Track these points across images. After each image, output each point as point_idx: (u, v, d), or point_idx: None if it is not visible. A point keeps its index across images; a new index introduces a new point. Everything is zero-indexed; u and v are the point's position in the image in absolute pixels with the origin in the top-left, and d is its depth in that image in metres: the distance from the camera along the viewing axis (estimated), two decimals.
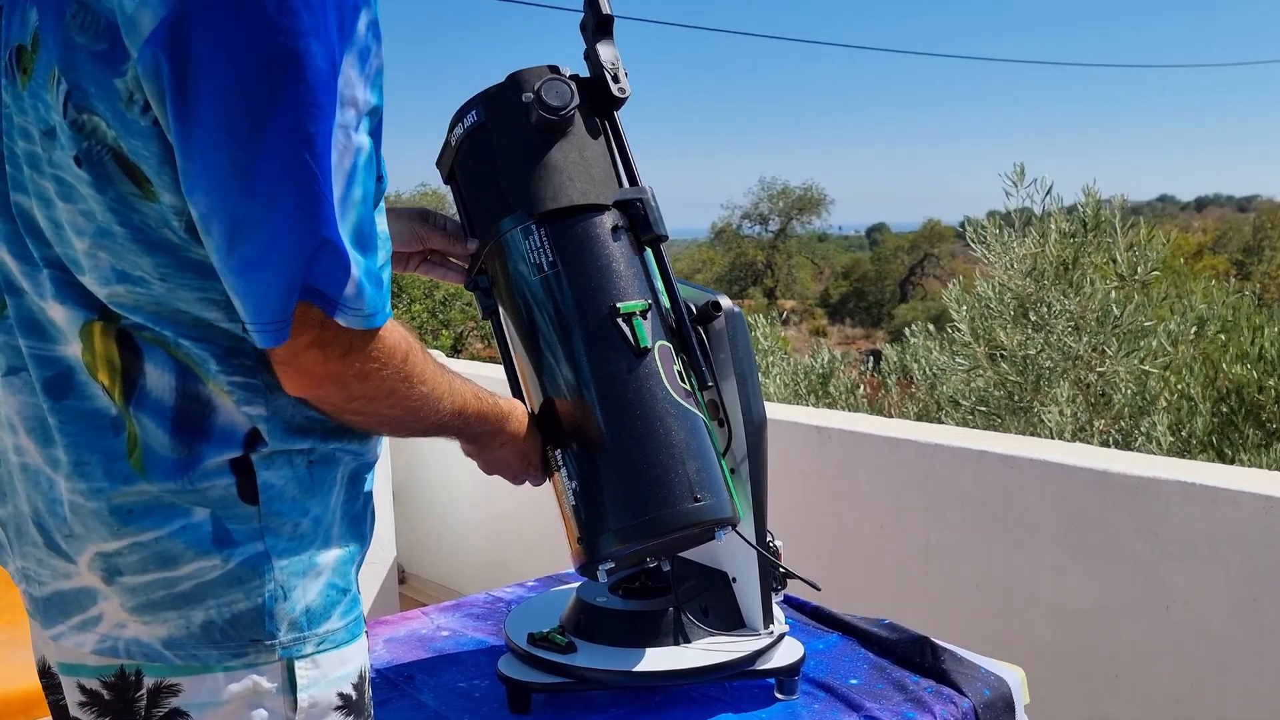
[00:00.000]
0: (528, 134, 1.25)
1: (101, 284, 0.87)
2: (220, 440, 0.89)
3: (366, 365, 0.88)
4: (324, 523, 0.95)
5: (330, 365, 0.87)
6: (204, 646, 0.89)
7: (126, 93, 0.81)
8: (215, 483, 0.89)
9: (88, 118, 0.83)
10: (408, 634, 1.66)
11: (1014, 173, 4.88)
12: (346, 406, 0.92)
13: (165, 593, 0.88)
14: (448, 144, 1.33)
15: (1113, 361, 4.43)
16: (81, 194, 0.85)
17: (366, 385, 0.90)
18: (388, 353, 0.90)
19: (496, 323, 1.33)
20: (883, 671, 1.47)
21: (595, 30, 1.29)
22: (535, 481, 1.27)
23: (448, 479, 3.73)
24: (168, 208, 0.84)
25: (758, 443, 1.35)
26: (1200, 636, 1.89)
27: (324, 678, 0.93)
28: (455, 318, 16.75)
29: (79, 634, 0.90)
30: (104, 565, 0.88)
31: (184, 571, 0.88)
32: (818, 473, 2.47)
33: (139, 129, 0.82)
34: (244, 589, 0.89)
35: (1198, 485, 1.88)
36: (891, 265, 40.32)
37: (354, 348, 0.87)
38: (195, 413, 0.88)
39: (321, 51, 0.80)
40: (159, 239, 0.86)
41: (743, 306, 1.56)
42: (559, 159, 1.24)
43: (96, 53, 0.82)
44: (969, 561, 2.22)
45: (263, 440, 0.90)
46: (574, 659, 1.34)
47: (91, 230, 0.86)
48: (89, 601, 0.90)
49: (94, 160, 0.84)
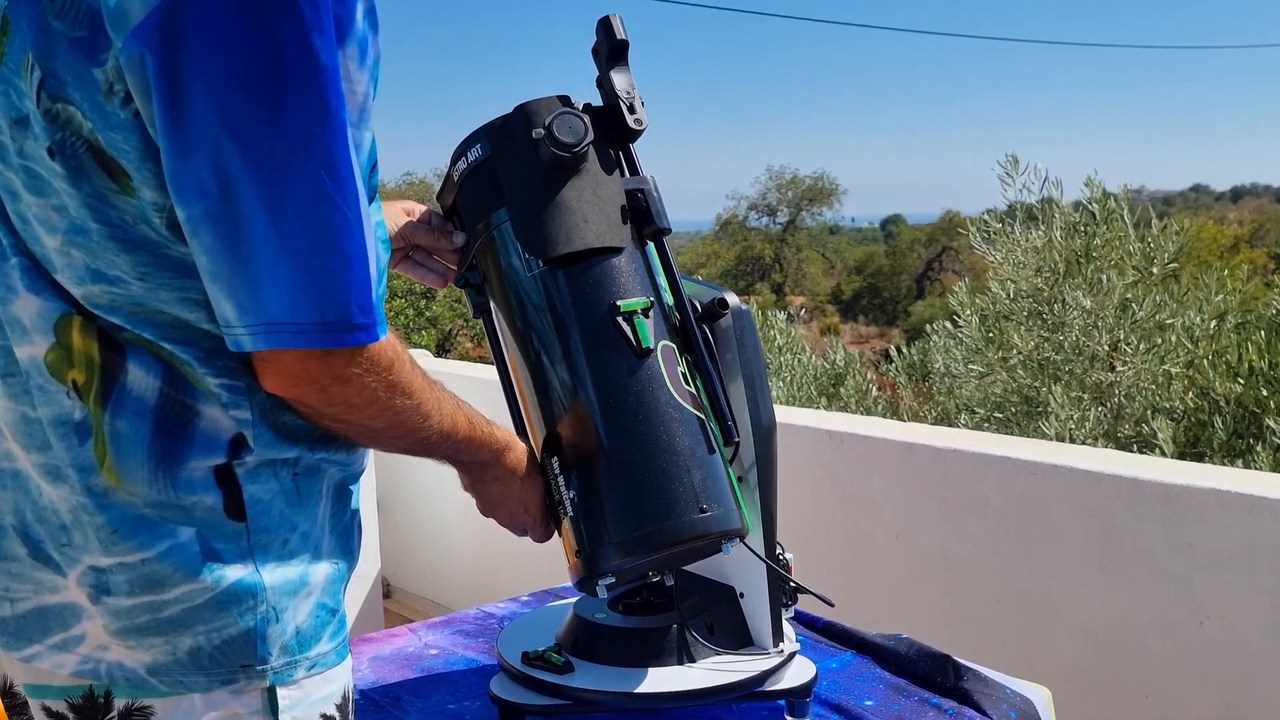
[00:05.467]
0: (538, 171, 1.24)
1: (76, 283, 0.87)
2: (204, 444, 0.89)
3: (348, 370, 0.88)
4: (312, 538, 0.95)
5: (309, 365, 0.87)
6: (191, 673, 0.89)
7: (106, 83, 0.81)
8: (200, 498, 0.89)
9: (62, 107, 0.83)
10: (394, 652, 1.66)
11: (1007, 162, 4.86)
12: (325, 411, 0.92)
13: (151, 618, 0.88)
14: (449, 178, 1.33)
15: (1132, 360, 4.43)
16: (54, 188, 0.85)
17: (346, 390, 0.90)
18: (371, 360, 0.90)
19: (488, 321, 1.33)
20: (900, 692, 1.47)
21: (609, 56, 1.28)
22: (536, 536, 1.25)
23: (436, 486, 3.73)
24: (148, 204, 0.84)
25: (766, 449, 1.35)
26: (1236, 654, 1.89)
27: (306, 698, 0.93)
28: (442, 315, 16.74)
29: (57, 654, 0.90)
30: (94, 581, 0.88)
31: (172, 595, 0.88)
32: (830, 480, 2.47)
33: (119, 121, 0.82)
34: (235, 612, 0.89)
35: (1233, 493, 1.88)
36: (908, 259, 40.31)
37: (335, 350, 0.87)
38: (179, 414, 0.89)
39: (324, 46, 0.80)
40: (137, 236, 0.86)
41: (750, 303, 1.56)
42: (572, 198, 1.23)
43: (75, 40, 0.82)
44: (990, 574, 2.23)
45: (248, 446, 0.90)
46: (571, 679, 1.34)
47: (64, 227, 0.86)
48: (72, 619, 0.90)
49: (68, 153, 0.84)
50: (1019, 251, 4.79)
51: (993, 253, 4.89)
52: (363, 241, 0.85)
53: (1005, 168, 4.88)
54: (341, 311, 0.84)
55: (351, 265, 0.84)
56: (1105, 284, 4.57)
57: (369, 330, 0.87)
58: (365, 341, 0.86)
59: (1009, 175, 4.88)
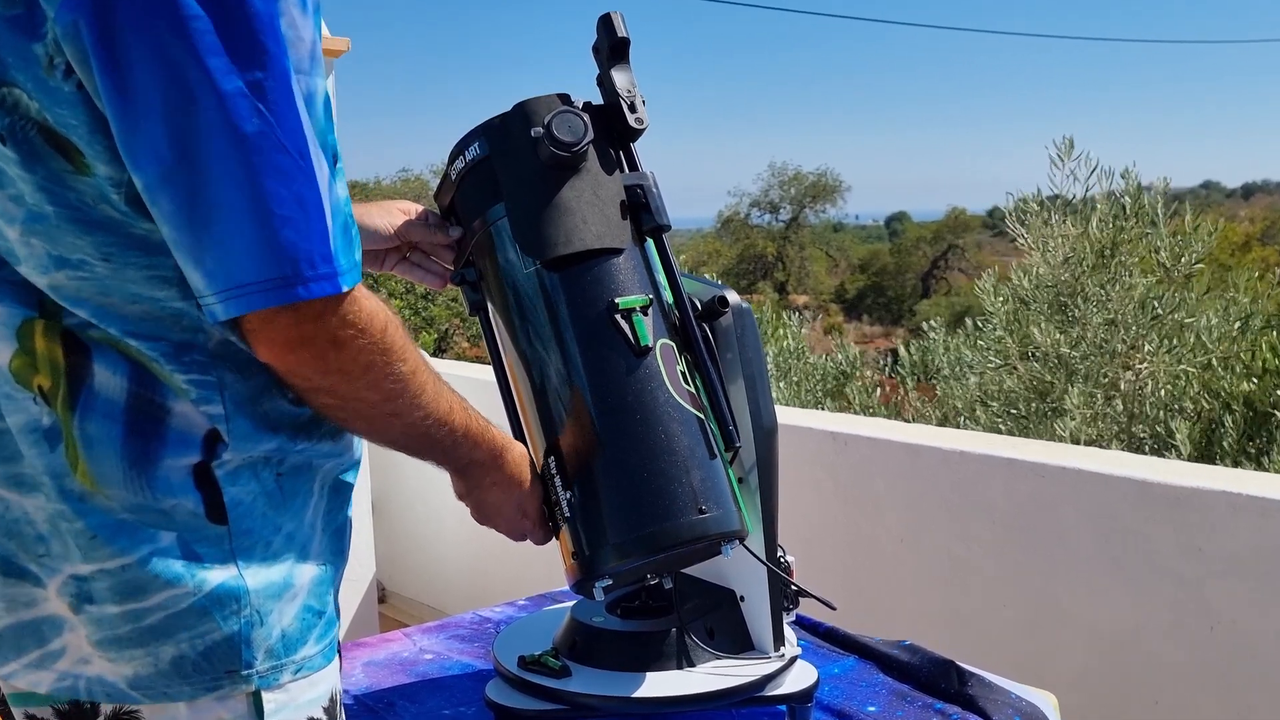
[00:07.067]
0: (537, 170, 1.24)
1: (40, 272, 0.86)
2: (177, 443, 0.89)
3: (343, 331, 0.88)
4: (297, 539, 0.95)
5: (304, 328, 0.86)
6: (175, 683, 0.89)
7: (46, 58, 0.81)
8: (179, 501, 0.88)
9: (8, 91, 0.83)
10: (388, 657, 1.66)
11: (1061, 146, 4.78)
12: (322, 383, 0.91)
13: (133, 627, 0.88)
14: (447, 177, 1.33)
15: (1150, 360, 4.42)
16: (9, 176, 0.85)
17: (342, 355, 0.89)
18: (366, 319, 0.89)
19: (485, 319, 1.33)
20: (903, 698, 1.48)
21: (610, 55, 1.28)
22: (536, 538, 1.24)
23: (431, 490, 3.73)
24: (104, 180, 0.84)
25: (768, 450, 1.35)
26: (1247, 660, 1.89)
27: (292, 702, 0.93)
28: (439, 314, 16.76)
29: (34, 672, 0.90)
30: (75, 590, 0.88)
31: (153, 602, 0.88)
32: (833, 482, 2.48)
33: (63, 96, 0.82)
34: (218, 617, 0.89)
35: (1245, 496, 1.88)
36: (913, 257, 40.32)
37: (329, 309, 0.86)
38: (150, 413, 0.88)
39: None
40: (99, 217, 0.85)
41: (752, 302, 1.56)
42: (571, 198, 1.23)
43: (12, 19, 0.81)
44: (997, 578, 2.23)
45: (223, 441, 0.90)
46: (569, 684, 1.34)
47: (23, 215, 0.85)
48: (52, 633, 0.89)
49: (19, 137, 0.84)
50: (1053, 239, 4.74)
51: (1026, 236, 4.82)
52: (316, 190, 0.84)
53: (1059, 150, 4.78)
54: (299, 264, 0.83)
55: (308, 214, 0.83)
56: (1129, 280, 4.55)
57: (331, 280, 0.85)
58: (329, 292, 0.85)
59: (1059, 159, 4.78)
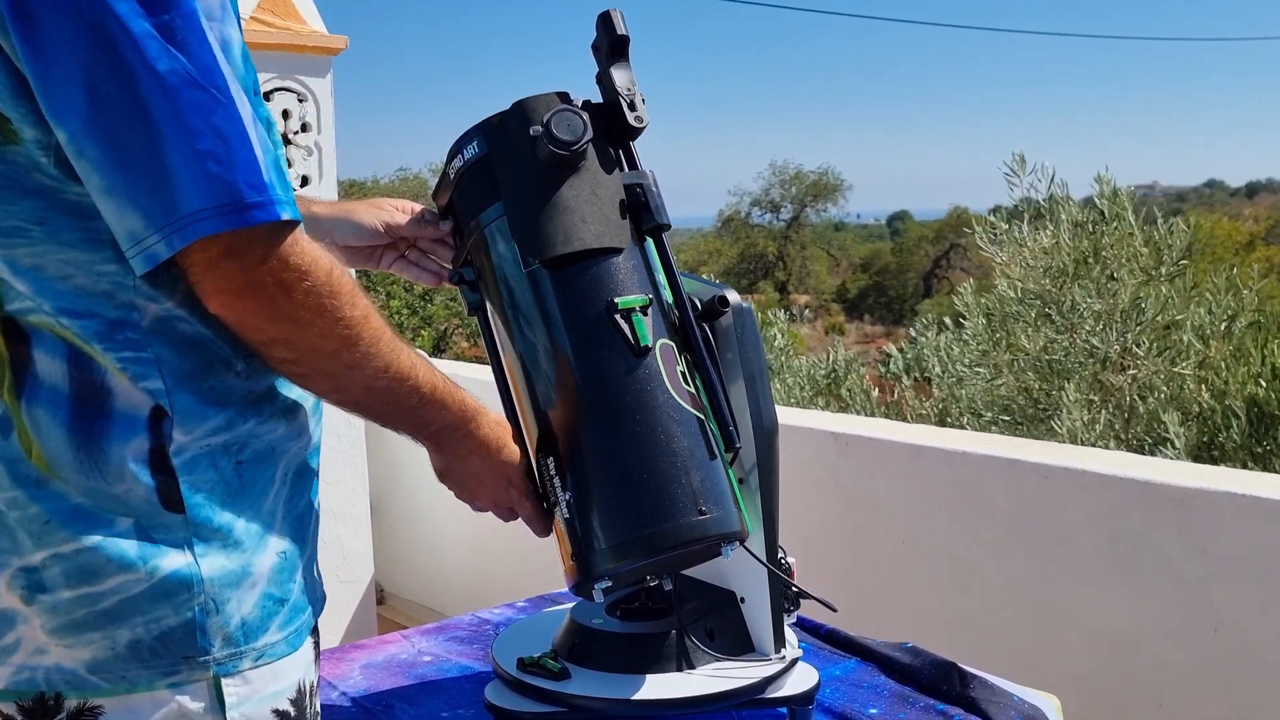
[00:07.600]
0: (536, 169, 1.24)
1: None
2: (123, 423, 0.90)
3: (287, 274, 0.89)
4: (256, 528, 0.95)
5: (250, 274, 0.88)
6: (132, 667, 0.89)
7: None
8: (133, 486, 0.89)
9: None
10: (386, 659, 1.66)
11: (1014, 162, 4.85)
12: (276, 332, 0.92)
13: (88, 611, 0.89)
14: (445, 176, 1.33)
15: (1143, 362, 4.42)
16: None
17: (291, 300, 0.90)
18: (309, 261, 0.91)
19: (483, 319, 1.33)
20: (905, 700, 1.48)
21: (609, 52, 1.28)
22: (530, 520, 1.24)
23: (429, 489, 3.73)
24: (33, 144, 0.86)
25: (768, 450, 1.35)
26: (1251, 662, 1.89)
27: (255, 694, 0.94)
28: (437, 314, 16.76)
29: None
30: (25, 582, 0.89)
31: (107, 586, 0.89)
32: (834, 483, 2.47)
33: None
34: (172, 603, 0.90)
35: (1250, 497, 1.88)
36: (915, 257, 40.32)
37: (270, 251, 0.88)
38: (93, 396, 0.90)
39: None
40: (32, 185, 0.88)
41: (753, 302, 1.56)
42: (570, 198, 1.23)
43: None
44: (999, 579, 2.23)
45: (168, 416, 0.91)
46: (568, 686, 1.34)
47: None
48: (5, 627, 0.90)
49: None
50: (1027, 253, 4.78)
51: (1000, 254, 4.88)
52: (239, 123, 0.86)
53: (1011, 167, 4.86)
54: (231, 192, 0.85)
55: (231, 145, 0.85)
56: (1114, 284, 4.57)
57: (266, 208, 0.87)
58: (266, 219, 0.87)
59: (1015, 174, 4.87)
